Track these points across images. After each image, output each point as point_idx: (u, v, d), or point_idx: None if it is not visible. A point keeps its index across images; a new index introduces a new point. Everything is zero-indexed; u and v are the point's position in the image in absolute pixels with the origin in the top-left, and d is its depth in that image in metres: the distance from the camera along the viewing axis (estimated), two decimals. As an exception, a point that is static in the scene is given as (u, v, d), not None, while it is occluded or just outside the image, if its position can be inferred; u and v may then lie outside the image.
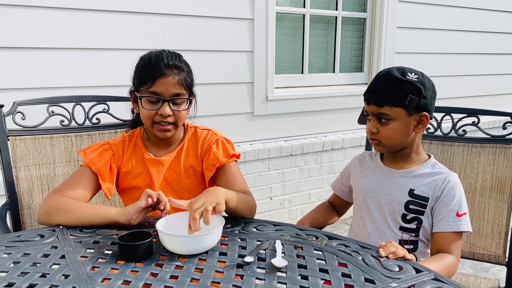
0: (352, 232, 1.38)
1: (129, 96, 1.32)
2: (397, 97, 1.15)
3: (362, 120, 1.40)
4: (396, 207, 1.25)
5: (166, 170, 1.32)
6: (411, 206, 1.23)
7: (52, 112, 1.56)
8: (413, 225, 1.24)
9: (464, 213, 1.18)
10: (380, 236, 1.27)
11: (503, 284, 1.43)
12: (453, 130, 1.53)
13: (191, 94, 1.28)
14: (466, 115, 1.52)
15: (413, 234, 1.25)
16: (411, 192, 1.23)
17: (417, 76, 1.16)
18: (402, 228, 1.25)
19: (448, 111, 1.54)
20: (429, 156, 1.28)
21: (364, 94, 1.23)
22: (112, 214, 1.12)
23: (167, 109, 1.21)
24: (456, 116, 1.54)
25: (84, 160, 1.26)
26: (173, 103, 1.23)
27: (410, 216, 1.24)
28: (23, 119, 1.51)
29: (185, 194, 1.35)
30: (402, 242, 1.25)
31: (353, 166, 1.40)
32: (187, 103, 1.26)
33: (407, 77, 1.15)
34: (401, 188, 1.25)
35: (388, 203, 1.27)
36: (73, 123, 1.59)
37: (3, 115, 1.46)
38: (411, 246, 1.25)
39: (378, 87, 1.18)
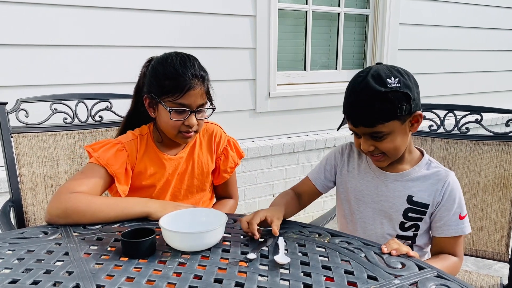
0: None
1: (144, 101, 1.27)
2: (387, 112, 1.04)
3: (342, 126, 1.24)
4: (394, 216, 1.18)
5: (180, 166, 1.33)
6: (410, 214, 1.16)
7: (55, 109, 1.56)
8: (410, 233, 1.18)
9: (465, 215, 1.14)
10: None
11: (505, 281, 1.43)
12: (456, 128, 1.53)
13: (211, 99, 1.29)
14: (469, 112, 1.52)
15: (409, 241, 1.20)
16: (409, 199, 1.16)
17: (397, 79, 1.04)
18: (398, 237, 1.18)
19: (451, 108, 1.54)
20: (422, 153, 1.20)
21: (346, 113, 1.11)
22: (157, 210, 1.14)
23: (194, 120, 1.22)
24: (459, 113, 1.53)
25: (98, 159, 1.20)
26: (197, 112, 1.23)
27: (408, 224, 1.17)
28: (26, 117, 1.51)
29: (196, 191, 1.37)
30: None
31: (340, 161, 1.29)
32: (208, 110, 1.28)
33: (389, 85, 1.02)
34: (399, 195, 1.17)
35: (385, 211, 1.19)
36: (76, 121, 1.59)
37: (7, 113, 1.47)
38: None
39: (361, 107, 1.05)
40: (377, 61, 3.27)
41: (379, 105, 1.03)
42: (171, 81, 1.18)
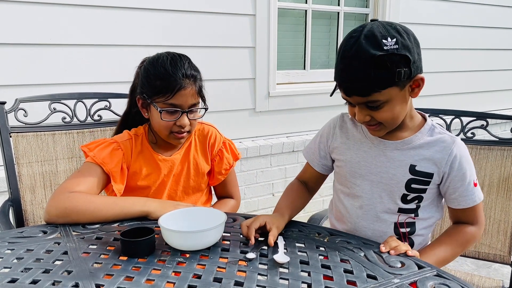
0: (335, 217, 1.23)
1: (137, 102, 1.27)
2: (383, 79, 0.93)
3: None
4: (395, 188, 1.08)
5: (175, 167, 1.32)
6: (413, 185, 1.07)
7: (54, 109, 1.56)
8: (412, 205, 1.10)
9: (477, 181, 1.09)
10: (372, 221, 1.13)
11: (507, 284, 1.42)
12: (461, 133, 1.52)
13: (204, 99, 1.27)
14: (475, 118, 1.51)
15: (412, 215, 1.11)
16: (412, 169, 1.06)
17: (395, 39, 0.93)
18: (400, 210, 1.10)
19: (457, 114, 1.54)
20: (424, 118, 1.11)
21: (337, 81, 1.00)
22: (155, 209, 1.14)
23: (186, 120, 1.21)
24: (465, 118, 1.53)
25: (93, 158, 1.20)
26: (189, 112, 1.22)
27: (411, 196, 1.08)
28: (25, 116, 1.51)
29: (192, 192, 1.36)
30: (397, 225, 1.12)
31: (331, 136, 1.19)
32: (201, 110, 1.26)
33: (385, 47, 0.91)
34: (400, 164, 1.07)
35: (385, 183, 1.09)
36: (75, 120, 1.59)
37: (6, 112, 1.46)
38: (408, 229, 1.13)
39: (354, 75, 0.95)
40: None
41: (374, 71, 0.92)
42: (162, 81, 1.18)
